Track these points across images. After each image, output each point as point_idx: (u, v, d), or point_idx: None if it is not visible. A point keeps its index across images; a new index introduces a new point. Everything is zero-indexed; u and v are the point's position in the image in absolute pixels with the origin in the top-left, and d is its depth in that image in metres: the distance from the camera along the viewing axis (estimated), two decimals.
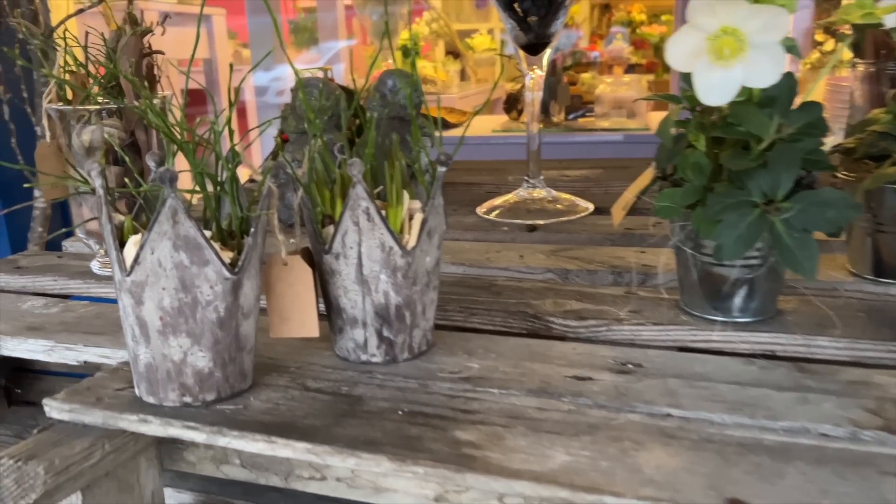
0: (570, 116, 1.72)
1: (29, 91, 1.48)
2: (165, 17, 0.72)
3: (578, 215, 0.83)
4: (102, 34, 0.69)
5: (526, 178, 0.87)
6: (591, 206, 0.85)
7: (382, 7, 1.54)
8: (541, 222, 0.81)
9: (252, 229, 0.42)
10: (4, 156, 1.57)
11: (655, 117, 1.72)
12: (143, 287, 0.40)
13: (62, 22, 1.46)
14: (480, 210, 0.87)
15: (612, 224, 0.79)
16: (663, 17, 6.33)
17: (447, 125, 1.72)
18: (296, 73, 0.49)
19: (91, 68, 0.70)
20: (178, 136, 0.44)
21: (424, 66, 2.66)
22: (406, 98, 0.92)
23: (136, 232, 0.42)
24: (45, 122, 0.68)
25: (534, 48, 0.82)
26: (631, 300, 0.58)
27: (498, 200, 0.88)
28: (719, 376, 0.45)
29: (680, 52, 0.43)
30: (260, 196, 0.43)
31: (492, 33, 3.41)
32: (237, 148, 0.42)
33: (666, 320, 0.54)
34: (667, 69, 5.47)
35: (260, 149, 1.96)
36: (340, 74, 2.45)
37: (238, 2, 2.64)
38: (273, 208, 0.44)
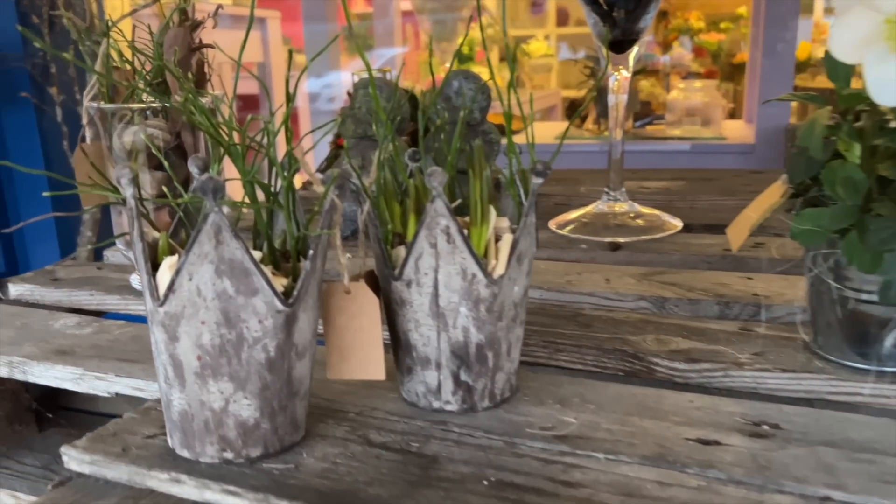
0: (638, 124, 1.62)
1: (82, 93, 1.45)
2: (217, 9, 0.66)
3: (666, 233, 0.74)
4: (149, 26, 0.63)
5: (606, 189, 0.79)
6: (679, 223, 0.76)
7: (442, 11, 1.47)
8: (624, 240, 0.72)
9: (311, 251, 0.35)
10: (56, 159, 1.55)
11: (730, 126, 1.61)
12: (178, 320, 0.33)
13: (117, 21, 1.43)
14: (553, 224, 0.78)
15: (706, 244, 0.70)
16: (722, 25, 6.14)
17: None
18: (367, 67, 0.42)
19: (137, 64, 0.65)
20: (226, 138, 0.37)
21: (480, 72, 2.58)
22: (472, 101, 0.85)
23: (172, 252, 0.35)
24: (84, 121, 0.62)
25: (619, 45, 0.73)
26: (749, 339, 0.49)
27: (573, 214, 0.80)
28: (887, 446, 0.36)
29: (847, 39, 0.34)
30: (320, 210, 0.36)
31: (548, 39, 3.32)
32: (295, 152, 0.35)
33: (797, 366, 0.44)
34: (728, 77, 5.33)
35: (313, 159, 1.90)
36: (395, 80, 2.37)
37: (293, 8, 2.61)
38: (336, 225, 0.36)
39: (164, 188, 0.61)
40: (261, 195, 0.37)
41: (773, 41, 1.34)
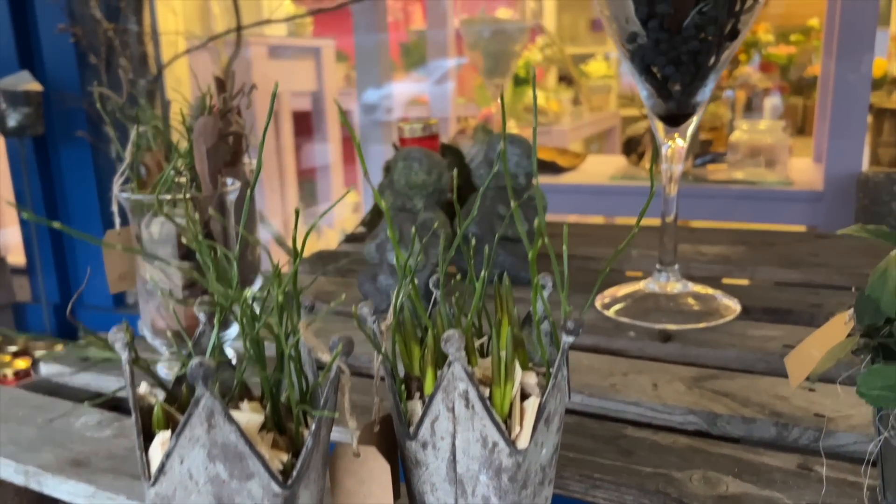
0: (698, 161, 1.55)
1: (136, 129, 1.47)
2: (252, 88, 0.64)
3: (722, 320, 0.69)
4: (182, 112, 0.62)
5: (658, 265, 0.74)
6: (737, 306, 0.71)
7: (494, 47, 1.44)
8: (676, 327, 0.67)
9: (313, 426, 0.32)
10: (109, 193, 1.57)
11: (797, 166, 1.53)
12: (169, 502, 0.31)
13: (170, 62, 1.44)
14: (600, 303, 0.74)
15: (765, 336, 0.64)
16: (791, 37, 5.91)
17: (559, 169, 1.60)
18: (396, 147, 0.39)
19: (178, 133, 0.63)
20: (225, 292, 0.34)
21: (539, 94, 2.54)
22: (517, 166, 0.81)
23: (167, 425, 0.33)
24: (114, 207, 0.61)
25: (674, 119, 0.68)
26: (809, 482, 0.44)
27: (621, 290, 0.75)
28: None
29: None
30: (326, 376, 0.33)
31: (608, 58, 3.25)
32: (300, 326, 0.32)
33: None
34: (797, 91, 5.14)
35: (360, 186, 1.89)
36: (448, 95, 2.36)
37: (347, 24, 2.61)
38: (345, 393, 0.33)
39: (195, 275, 0.59)
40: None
41: (848, 55, 1.25)
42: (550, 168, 1.58)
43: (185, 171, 0.58)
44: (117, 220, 0.63)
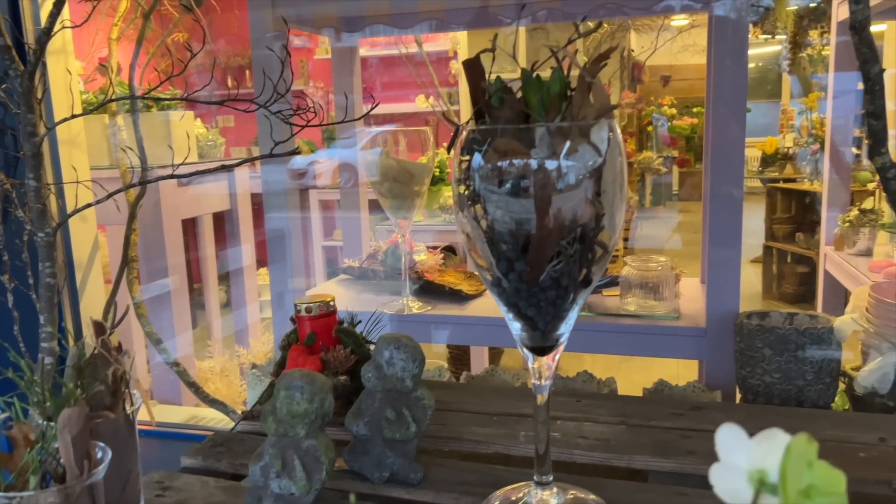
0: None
1: (34, 278, 1.44)
2: (124, 354, 0.65)
3: None
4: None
5: (534, 477, 0.78)
6: None
7: (398, 189, 1.49)
8: None
9: None
10: (7, 342, 1.53)
11: (686, 288, 1.61)
12: None
13: (61, 223, 1.42)
14: None
15: None
16: (694, 109, 6.29)
17: (463, 296, 1.64)
18: (292, 321, 0.41)
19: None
20: None
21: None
22: (403, 370, 0.84)
23: None
24: None
25: (541, 350, 0.73)
26: None
27: (500, 493, 0.79)
28: None
29: None
30: None
31: None
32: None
33: None
34: (699, 158, 5.42)
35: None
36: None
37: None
38: None
39: None
40: None
41: (721, 133, 1.32)
42: (455, 296, 1.62)
43: (52, 457, 0.58)
44: None
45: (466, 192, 0.68)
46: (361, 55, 1.80)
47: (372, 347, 0.94)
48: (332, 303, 1.04)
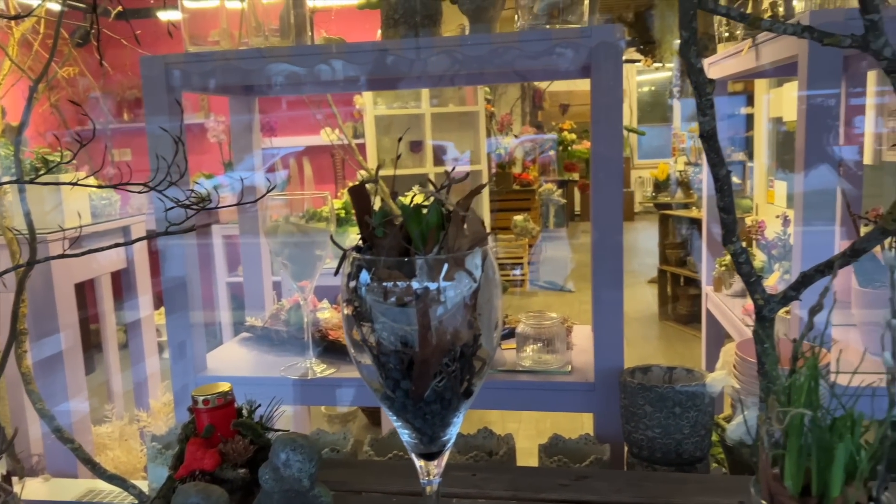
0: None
1: None
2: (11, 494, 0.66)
3: None
4: None
5: None
6: None
7: (299, 255, 1.51)
8: None
9: None
10: None
11: (578, 337, 1.70)
12: None
13: None
14: None
15: None
16: None
17: None
18: (190, 411, 0.43)
19: None
20: None
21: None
22: (300, 471, 0.87)
23: None
24: None
25: (430, 456, 0.78)
26: None
27: None
28: None
29: None
30: None
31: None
32: None
33: None
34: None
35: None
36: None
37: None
38: None
39: None
40: None
41: (602, 158, 1.38)
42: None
43: None
44: None
45: (354, 313, 0.72)
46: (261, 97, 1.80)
47: (271, 436, 0.97)
48: (229, 393, 1.06)
